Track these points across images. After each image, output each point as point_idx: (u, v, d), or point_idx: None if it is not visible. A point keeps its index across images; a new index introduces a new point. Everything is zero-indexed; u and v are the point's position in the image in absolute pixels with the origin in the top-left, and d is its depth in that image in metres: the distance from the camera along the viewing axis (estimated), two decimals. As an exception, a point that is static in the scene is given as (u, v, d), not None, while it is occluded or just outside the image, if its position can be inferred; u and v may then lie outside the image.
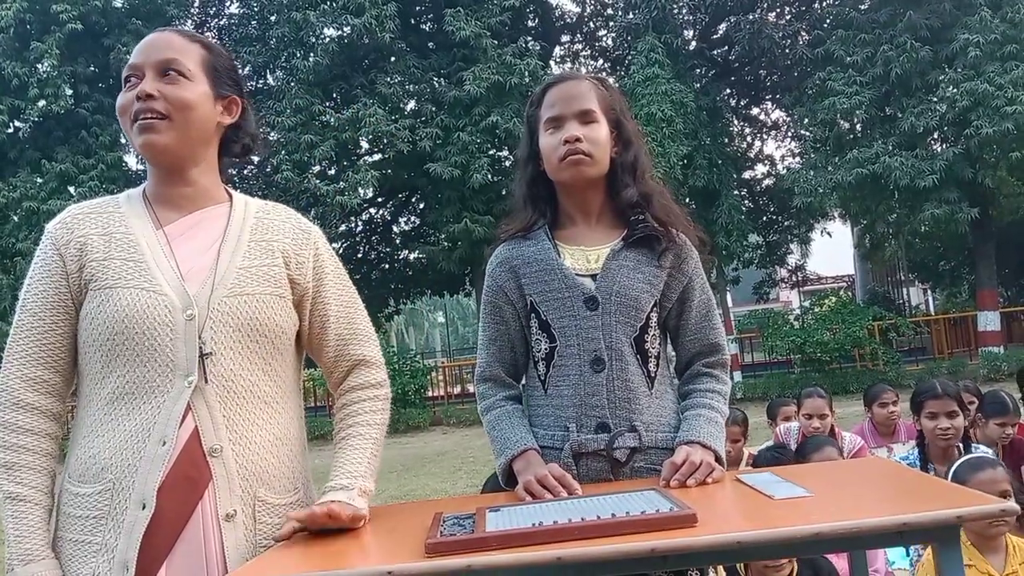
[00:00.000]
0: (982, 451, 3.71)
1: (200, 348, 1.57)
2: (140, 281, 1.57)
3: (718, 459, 1.79)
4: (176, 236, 1.65)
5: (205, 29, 21.41)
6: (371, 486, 1.68)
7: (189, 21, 21.10)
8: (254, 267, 1.66)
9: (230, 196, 1.75)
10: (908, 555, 3.38)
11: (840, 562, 3.02)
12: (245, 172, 20.52)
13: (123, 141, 19.08)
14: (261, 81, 20.00)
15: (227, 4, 21.15)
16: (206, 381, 1.57)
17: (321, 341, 1.77)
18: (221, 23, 20.91)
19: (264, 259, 1.69)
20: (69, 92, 18.03)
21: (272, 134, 17.84)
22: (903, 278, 26.30)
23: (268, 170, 18.81)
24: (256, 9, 19.79)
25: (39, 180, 17.63)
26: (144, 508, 1.50)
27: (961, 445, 3.62)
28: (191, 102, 1.63)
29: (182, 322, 1.57)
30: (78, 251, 1.60)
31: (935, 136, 16.88)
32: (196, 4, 21.01)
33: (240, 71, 1.71)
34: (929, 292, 28.52)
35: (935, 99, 15.99)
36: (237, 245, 1.67)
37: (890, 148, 15.86)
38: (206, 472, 1.55)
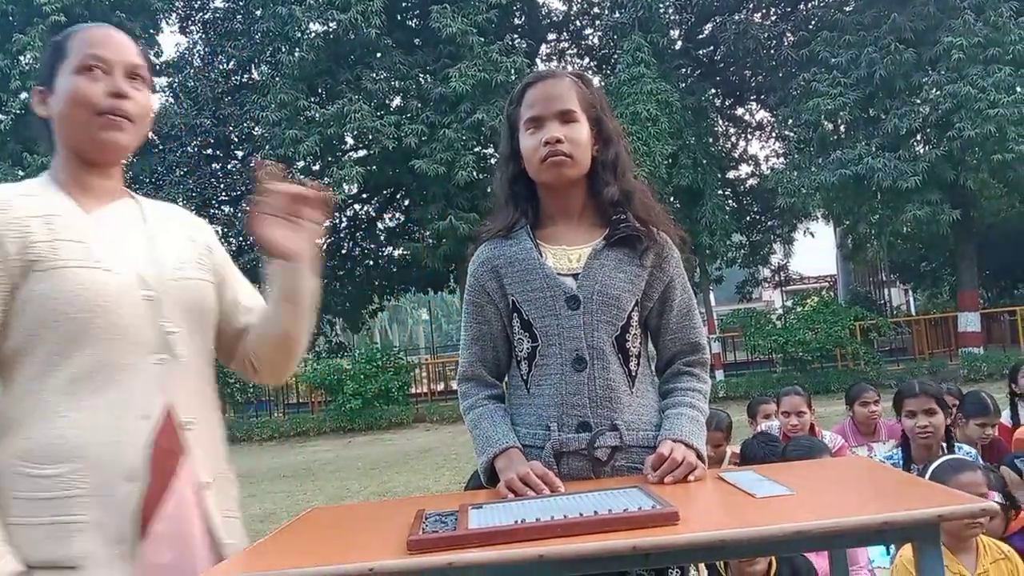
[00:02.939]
0: (965, 451, 3.74)
1: (163, 327, 1.62)
2: (95, 263, 1.58)
3: (699, 457, 1.79)
4: (105, 223, 1.66)
5: (190, 23, 21.29)
6: None
7: (174, 15, 20.98)
8: (185, 255, 1.73)
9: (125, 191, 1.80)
10: (888, 553, 3.40)
11: (820, 561, 3.04)
12: (229, 167, 20.45)
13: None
14: (246, 76, 19.93)
15: (212, -2, 21.02)
16: (174, 358, 1.63)
17: (231, 322, 1.83)
18: (206, 17, 20.79)
19: (190, 248, 1.76)
20: (51, 85, 17.88)
21: (256, 129, 17.79)
22: (885, 279, 26.50)
23: (252, 165, 18.74)
24: (241, 3, 19.69)
25: (20, 173, 17.49)
26: (132, 482, 1.52)
27: (944, 445, 3.65)
28: (151, 110, 1.72)
29: (143, 302, 1.60)
30: (18, 233, 1.55)
31: (918, 138, 17.00)
32: (180, -3, 20.89)
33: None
34: (910, 293, 28.71)
35: (918, 101, 16.10)
36: (162, 235, 1.72)
37: (873, 149, 15.97)
38: (181, 445, 1.61)
